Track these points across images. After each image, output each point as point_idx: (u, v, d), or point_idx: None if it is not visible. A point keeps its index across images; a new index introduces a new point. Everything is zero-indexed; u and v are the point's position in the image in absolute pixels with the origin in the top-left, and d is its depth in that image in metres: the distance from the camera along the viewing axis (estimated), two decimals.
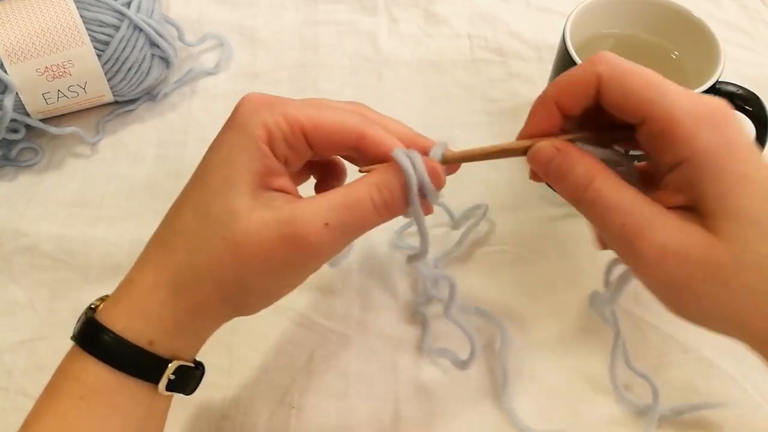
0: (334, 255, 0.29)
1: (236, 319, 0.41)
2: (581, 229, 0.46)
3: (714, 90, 0.40)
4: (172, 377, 0.28)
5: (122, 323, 0.27)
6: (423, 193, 0.29)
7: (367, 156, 0.29)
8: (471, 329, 0.37)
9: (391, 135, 0.30)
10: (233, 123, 0.28)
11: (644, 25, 0.44)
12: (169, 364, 0.28)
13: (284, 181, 0.28)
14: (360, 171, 0.30)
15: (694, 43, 0.42)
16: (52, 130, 0.48)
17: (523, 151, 0.30)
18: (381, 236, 0.45)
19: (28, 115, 0.47)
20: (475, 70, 0.55)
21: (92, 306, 0.29)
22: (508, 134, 0.51)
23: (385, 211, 0.28)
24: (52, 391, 0.28)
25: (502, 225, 0.46)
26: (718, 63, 0.40)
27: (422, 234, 0.30)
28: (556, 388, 0.39)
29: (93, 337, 0.27)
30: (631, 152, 0.31)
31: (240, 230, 0.26)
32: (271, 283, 0.29)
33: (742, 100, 0.40)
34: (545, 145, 0.29)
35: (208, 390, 0.39)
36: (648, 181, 0.29)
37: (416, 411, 0.39)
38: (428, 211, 0.31)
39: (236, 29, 0.57)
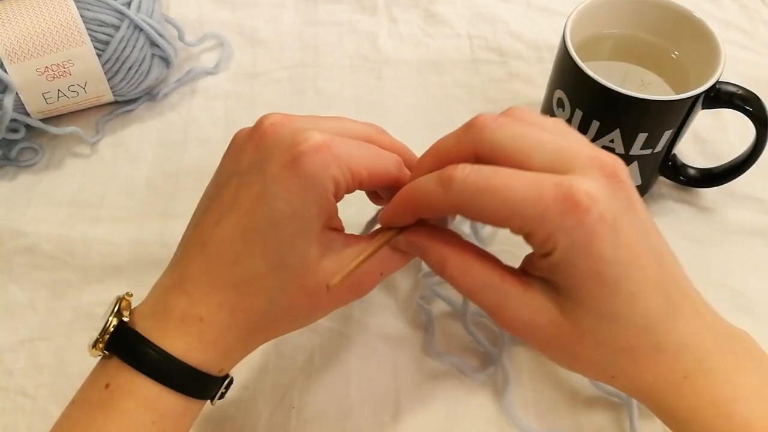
0: None
1: None
2: None
3: (714, 90, 0.40)
4: (223, 390, 0.32)
5: (197, 356, 0.29)
6: None
7: (392, 194, 0.31)
8: (484, 341, 0.39)
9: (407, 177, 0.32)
10: (299, 172, 0.28)
11: (644, 25, 0.44)
12: (225, 382, 0.32)
13: (337, 220, 0.31)
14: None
15: (694, 43, 0.42)
16: (52, 129, 0.48)
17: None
18: None
19: (28, 114, 0.47)
20: (475, 70, 0.55)
21: (124, 318, 0.30)
22: None
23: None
24: (108, 408, 0.28)
25: None
26: (718, 63, 0.40)
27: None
28: (556, 387, 0.39)
29: (161, 365, 0.29)
30: None
31: (315, 280, 0.29)
32: (323, 316, 0.33)
33: (742, 100, 0.40)
34: (399, 240, 0.31)
35: None
36: None
37: (416, 411, 0.39)
38: None
39: (236, 29, 0.57)
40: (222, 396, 0.32)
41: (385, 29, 0.57)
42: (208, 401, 0.32)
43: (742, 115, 0.40)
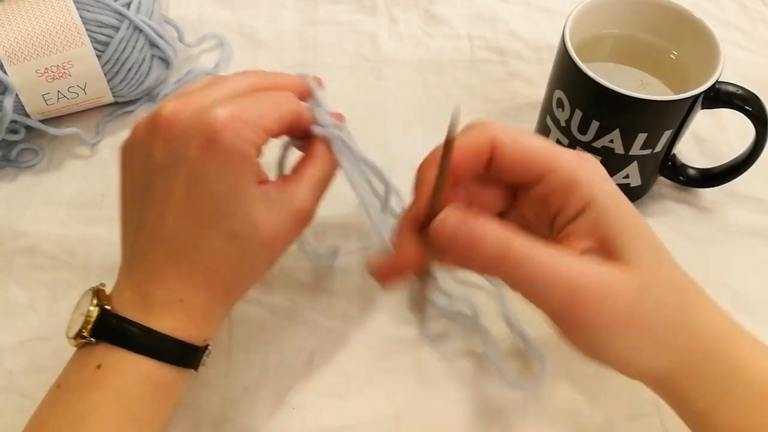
0: None
1: (235, 320, 0.41)
2: None
3: (713, 90, 0.40)
4: (205, 357, 0.34)
5: (185, 331, 0.32)
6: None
7: (293, 128, 0.34)
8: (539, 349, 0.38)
9: (305, 108, 0.35)
10: (219, 148, 0.30)
11: (644, 25, 0.44)
12: (207, 349, 0.34)
13: (262, 173, 0.33)
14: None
15: (693, 43, 0.42)
16: (52, 131, 0.48)
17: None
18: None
19: (28, 116, 0.47)
20: (475, 71, 0.55)
21: (105, 306, 0.31)
22: None
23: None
24: (103, 386, 0.30)
25: None
26: (717, 63, 0.40)
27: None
28: (556, 386, 0.39)
29: (153, 343, 0.31)
30: None
31: (268, 234, 0.32)
32: (278, 259, 0.34)
33: (742, 100, 0.40)
34: (452, 212, 0.28)
35: (207, 391, 0.39)
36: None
37: (416, 411, 0.39)
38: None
39: (236, 29, 0.57)
40: (203, 363, 0.34)
41: (385, 29, 0.57)
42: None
43: (742, 115, 0.40)
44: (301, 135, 0.36)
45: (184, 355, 0.32)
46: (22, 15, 0.45)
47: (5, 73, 0.44)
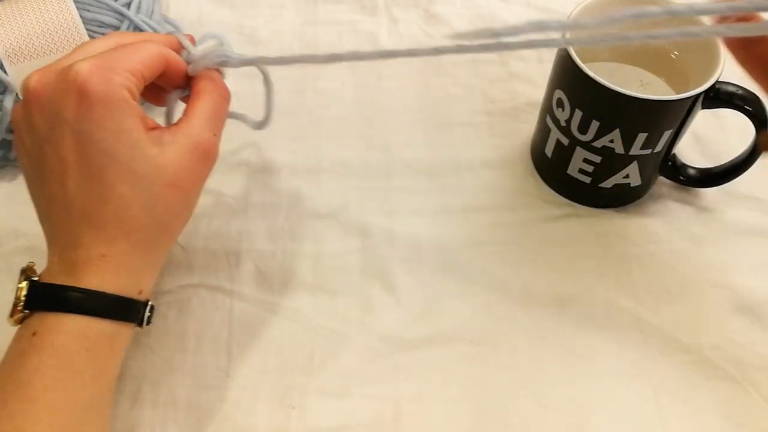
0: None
1: (235, 320, 0.41)
2: (581, 229, 0.46)
3: (714, 90, 0.40)
4: (148, 314, 0.34)
5: (113, 284, 0.32)
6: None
7: (167, 75, 0.35)
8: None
9: (173, 54, 0.35)
10: (92, 99, 0.30)
11: (644, 24, 0.44)
12: (149, 305, 0.34)
13: (149, 119, 0.33)
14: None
15: (693, 43, 0.42)
16: None
17: None
18: (382, 236, 0.45)
19: None
20: (475, 71, 0.55)
21: (34, 278, 0.33)
22: (507, 134, 0.51)
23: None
24: (41, 349, 0.31)
25: (502, 225, 0.46)
26: (717, 63, 0.40)
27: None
28: (557, 387, 0.39)
29: (83, 300, 0.31)
30: None
31: (171, 172, 0.32)
32: (198, 195, 0.35)
33: (742, 100, 0.40)
34: None
35: (207, 391, 0.39)
36: None
37: (416, 411, 0.39)
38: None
39: (236, 29, 0.57)
40: (149, 321, 0.35)
41: (385, 29, 0.57)
42: (138, 328, 0.34)
43: (742, 115, 0.40)
44: (182, 83, 0.36)
45: (117, 307, 0.32)
46: (22, 15, 0.45)
47: (5, 72, 0.44)
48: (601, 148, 0.42)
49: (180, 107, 0.36)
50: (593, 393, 0.39)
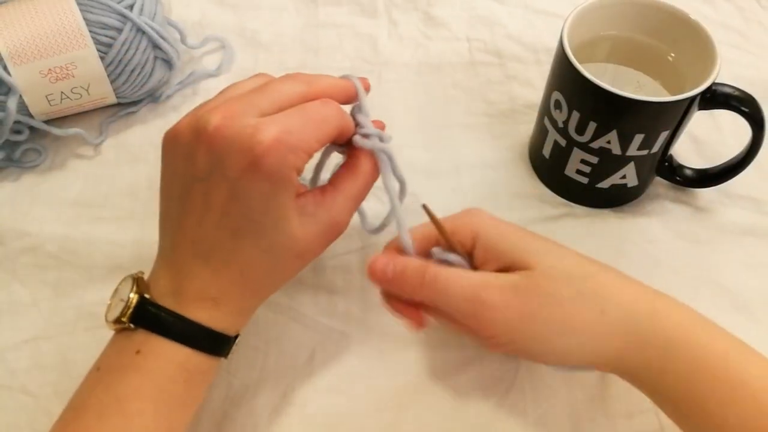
0: None
1: None
2: (579, 229, 0.46)
3: (710, 91, 0.40)
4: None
5: (220, 323, 0.33)
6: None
7: (340, 140, 0.35)
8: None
9: (350, 124, 0.35)
10: (262, 171, 0.31)
11: (641, 27, 0.45)
12: (236, 339, 0.36)
13: (301, 186, 0.34)
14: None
15: (690, 45, 0.43)
16: (56, 131, 0.48)
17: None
18: (382, 236, 0.45)
19: (31, 116, 0.47)
20: (474, 73, 0.55)
21: (146, 295, 0.33)
22: (506, 135, 0.52)
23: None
24: (143, 370, 0.32)
25: None
26: (714, 65, 0.40)
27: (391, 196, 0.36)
28: (554, 379, 0.40)
29: (190, 333, 0.33)
30: None
31: (302, 245, 0.33)
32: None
33: (738, 101, 0.40)
34: (378, 256, 0.35)
35: (209, 389, 0.39)
36: None
37: (417, 409, 0.39)
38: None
39: (238, 31, 0.57)
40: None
41: (385, 32, 0.58)
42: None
43: (738, 116, 0.41)
44: (344, 142, 0.36)
45: (216, 344, 0.34)
46: (25, 16, 0.46)
47: (9, 74, 0.45)
48: (599, 149, 0.42)
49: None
50: (591, 390, 0.39)
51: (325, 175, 0.38)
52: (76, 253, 0.44)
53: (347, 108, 0.36)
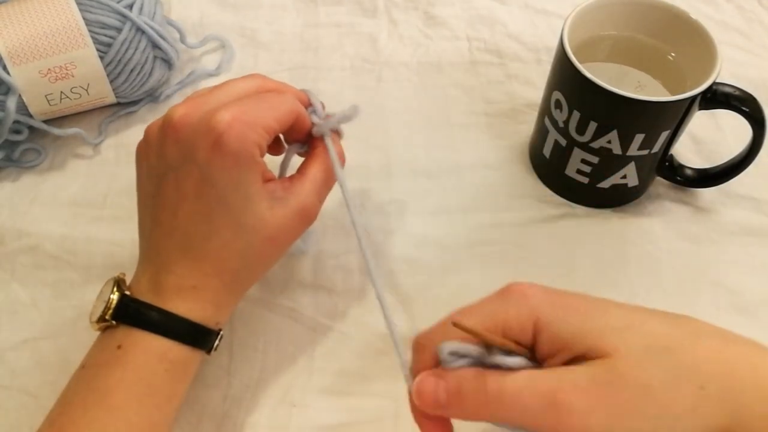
0: None
1: (237, 318, 0.42)
2: (580, 229, 0.46)
3: (711, 91, 0.40)
4: (217, 342, 0.36)
5: (198, 314, 0.34)
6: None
7: (293, 129, 0.36)
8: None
9: (304, 110, 0.37)
10: (224, 150, 0.32)
11: (642, 26, 0.45)
12: (220, 334, 0.36)
13: (268, 172, 0.35)
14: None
15: (691, 44, 0.43)
16: (55, 131, 0.48)
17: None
18: (382, 236, 0.45)
19: (30, 116, 0.47)
20: (474, 72, 0.55)
21: (126, 292, 0.34)
22: (506, 135, 0.52)
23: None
24: (125, 363, 0.32)
25: (501, 225, 0.46)
26: (715, 64, 0.40)
27: (343, 186, 0.36)
28: None
29: (169, 324, 0.33)
30: None
31: (273, 228, 0.34)
32: (284, 252, 0.37)
33: (739, 100, 0.40)
34: (423, 376, 0.28)
35: (209, 389, 0.39)
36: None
37: None
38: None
39: (238, 31, 0.57)
40: (215, 348, 0.36)
41: (385, 31, 0.58)
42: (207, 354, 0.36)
43: (739, 115, 0.41)
44: (302, 138, 0.38)
45: (197, 335, 0.34)
46: (25, 16, 0.45)
47: (8, 73, 0.45)
48: (599, 148, 0.42)
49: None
50: None
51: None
52: (76, 253, 0.44)
53: None
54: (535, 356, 0.28)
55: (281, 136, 0.39)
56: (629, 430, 0.26)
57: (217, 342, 0.36)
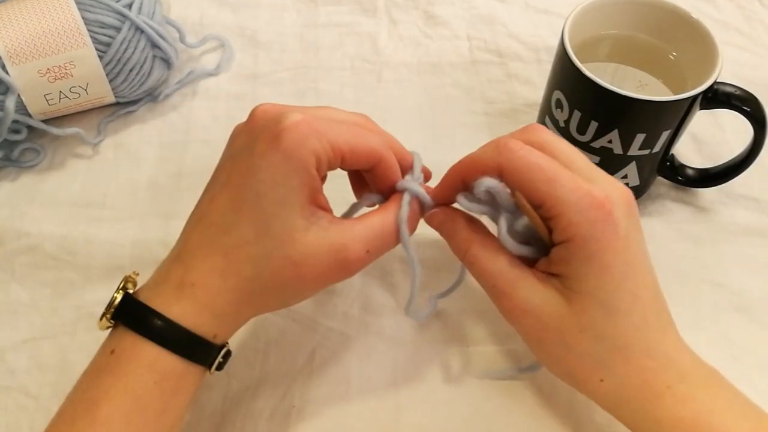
0: None
1: None
2: None
3: (712, 90, 0.40)
4: (220, 360, 0.33)
5: (191, 319, 0.31)
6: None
7: (376, 175, 0.34)
8: None
9: (396, 164, 0.35)
10: (280, 146, 0.31)
11: (642, 26, 0.45)
12: (222, 350, 0.33)
13: (323, 197, 0.33)
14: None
15: (692, 44, 0.43)
16: (54, 130, 0.48)
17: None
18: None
19: (29, 116, 0.47)
20: (474, 72, 0.55)
21: (129, 290, 0.32)
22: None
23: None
24: (115, 371, 0.30)
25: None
26: (715, 64, 0.40)
27: (411, 261, 0.35)
28: (556, 383, 0.40)
29: (159, 328, 0.30)
30: None
31: (300, 252, 0.31)
32: (313, 293, 0.34)
33: (740, 100, 0.40)
34: (435, 213, 0.35)
35: (208, 390, 0.39)
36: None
37: (416, 411, 0.39)
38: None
39: (237, 31, 0.57)
40: (220, 367, 0.33)
41: (385, 31, 0.58)
42: (210, 372, 0.33)
43: (740, 115, 0.41)
44: (383, 189, 0.35)
45: (190, 346, 0.31)
46: (24, 16, 0.45)
47: (7, 73, 0.44)
48: (600, 148, 0.42)
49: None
50: None
51: None
52: (75, 253, 0.44)
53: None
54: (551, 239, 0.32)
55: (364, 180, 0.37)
56: (552, 353, 0.32)
57: (219, 359, 0.33)
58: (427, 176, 0.37)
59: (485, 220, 0.35)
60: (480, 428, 0.38)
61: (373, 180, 0.35)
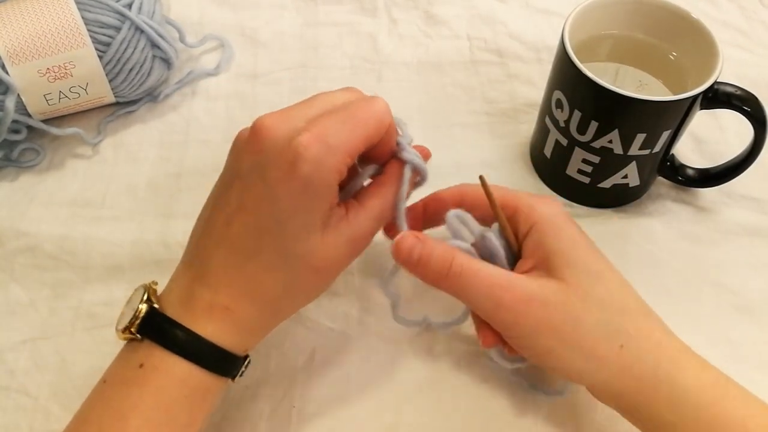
0: None
1: None
2: None
3: (712, 90, 0.40)
4: (243, 369, 0.34)
5: (225, 338, 0.32)
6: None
7: (378, 147, 0.34)
8: None
9: (394, 126, 0.35)
10: (297, 175, 0.30)
11: (643, 26, 0.45)
12: (246, 361, 0.34)
13: (335, 196, 0.33)
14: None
15: (692, 44, 0.42)
16: (54, 130, 0.48)
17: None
18: (382, 236, 0.45)
19: (29, 116, 0.47)
20: (475, 71, 0.55)
21: (154, 304, 0.32)
22: (507, 135, 0.51)
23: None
24: (144, 385, 0.31)
25: None
26: (716, 64, 0.40)
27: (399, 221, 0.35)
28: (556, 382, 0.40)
29: (193, 346, 0.31)
30: None
31: (321, 258, 0.32)
32: (329, 284, 0.35)
33: (740, 100, 0.40)
34: (407, 234, 0.34)
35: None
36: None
37: (416, 411, 0.39)
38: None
39: (237, 30, 0.57)
40: (241, 374, 0.34)
41: (385, 30, 0.58)
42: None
43: (740, 115, 0.41)
44: (382, 158, 0.35)
45: (222, 362, 0.32)
46: (23, 15, 0.45)
47: (7, 73, 0.44)
48: (600, 148, 0.42)
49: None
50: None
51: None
52: (75, 253, 0.44)
53: None
54: (519, 252, 0.35)
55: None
56: (549, 347, 0.32)
57: (243, 369, 0.34)
58: (426, 155, 0.37)
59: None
60: (480, 428, 0.38)
61: (372, 149, 0.35)
